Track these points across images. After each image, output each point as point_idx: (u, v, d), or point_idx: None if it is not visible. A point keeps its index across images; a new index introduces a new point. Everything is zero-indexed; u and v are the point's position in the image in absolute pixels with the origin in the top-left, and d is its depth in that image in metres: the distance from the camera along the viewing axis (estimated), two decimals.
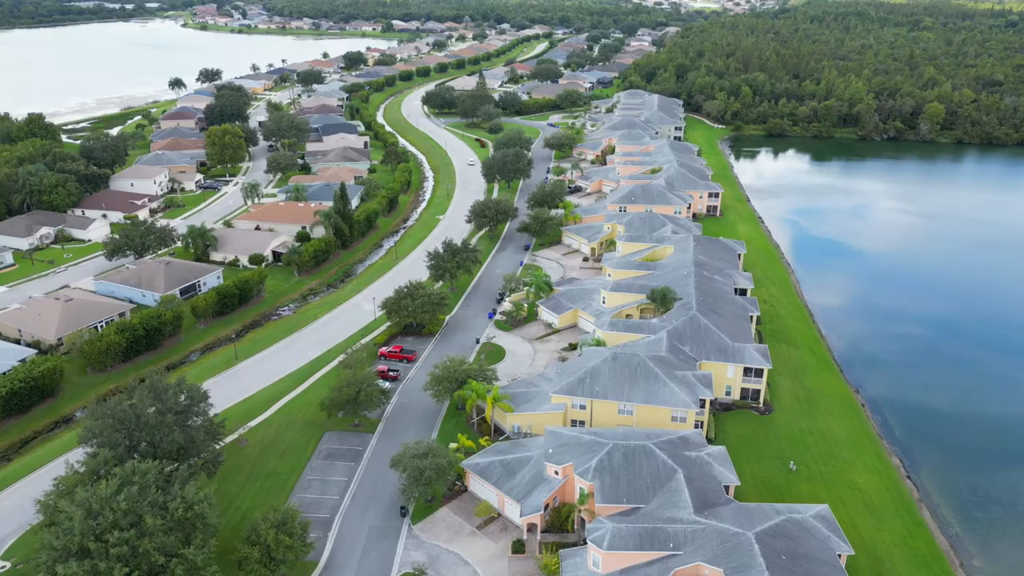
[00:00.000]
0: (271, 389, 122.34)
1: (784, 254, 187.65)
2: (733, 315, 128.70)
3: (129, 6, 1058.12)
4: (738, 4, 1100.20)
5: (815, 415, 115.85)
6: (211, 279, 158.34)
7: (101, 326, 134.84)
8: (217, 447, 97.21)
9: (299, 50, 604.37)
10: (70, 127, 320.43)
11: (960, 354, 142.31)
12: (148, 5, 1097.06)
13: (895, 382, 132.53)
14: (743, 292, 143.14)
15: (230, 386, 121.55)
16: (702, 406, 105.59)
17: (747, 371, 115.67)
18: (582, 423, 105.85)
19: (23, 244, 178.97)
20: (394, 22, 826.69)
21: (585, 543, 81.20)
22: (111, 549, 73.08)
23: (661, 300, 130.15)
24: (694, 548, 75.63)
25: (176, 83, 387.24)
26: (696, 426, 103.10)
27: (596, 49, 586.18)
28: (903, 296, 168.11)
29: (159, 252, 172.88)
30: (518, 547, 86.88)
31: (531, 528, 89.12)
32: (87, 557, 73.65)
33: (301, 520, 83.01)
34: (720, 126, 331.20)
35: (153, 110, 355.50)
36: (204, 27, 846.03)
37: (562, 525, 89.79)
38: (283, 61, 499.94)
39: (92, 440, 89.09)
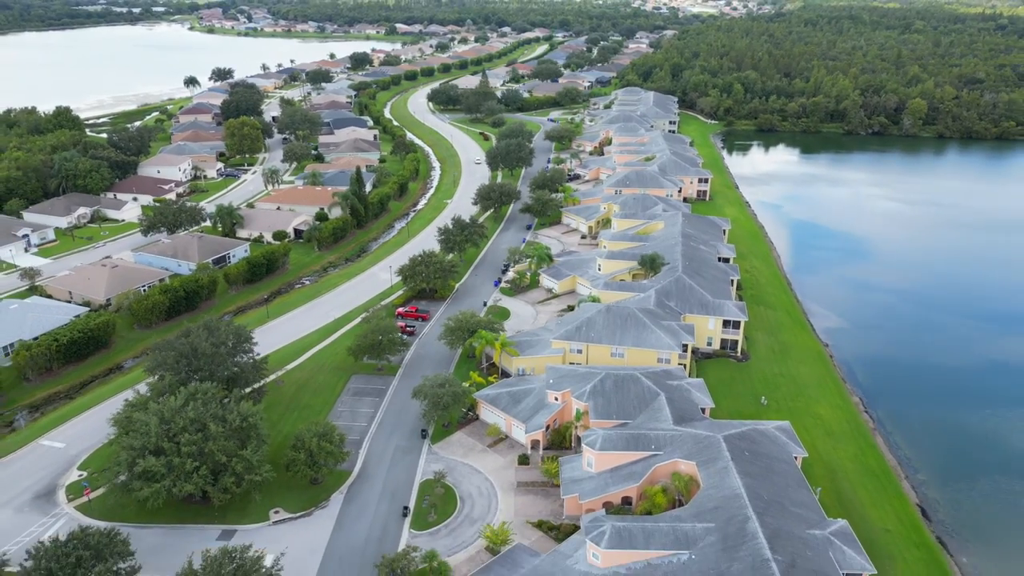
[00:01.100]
0: (301, 342, 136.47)
1: (768, 233, 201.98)
2: (715, 278, 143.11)
3: (136, 10, 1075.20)
4: (735, 9, 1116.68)
5: (787, 363, 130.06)
6: (239, 252, 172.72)
7: (144, 289, 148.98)
8: (261, 383, 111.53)
9: (305, 52, 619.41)
10: (91, 122, 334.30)
11: (924, 318, 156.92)
12: (154, 9, 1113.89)
13: (863, 340, 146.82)
14: (726, 260, 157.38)
15: (264, 339, 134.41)
16: (684, 350, 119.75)
17: (726, 323, 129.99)
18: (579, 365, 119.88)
19: (62, 223, 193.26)
20: (397, 25, 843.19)
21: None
22: (182, 448, 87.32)
23: (650, 265, 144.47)
24: (672, 448, 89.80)
25: (191, 81, 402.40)
26: None
27: (595, 51, 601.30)
28: (877, 269, 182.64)
29: (190, 229, 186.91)
30: (523, 460, 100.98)
31: (534, 445, 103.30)
32: (161, 455, 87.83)
33: (339, 433, 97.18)
34: (713, 122, 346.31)
35: (169, 107, 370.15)
36: (211, 30, 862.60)
37: (561, 443, 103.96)
38: (291, 61, 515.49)
39: (158, 369, 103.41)
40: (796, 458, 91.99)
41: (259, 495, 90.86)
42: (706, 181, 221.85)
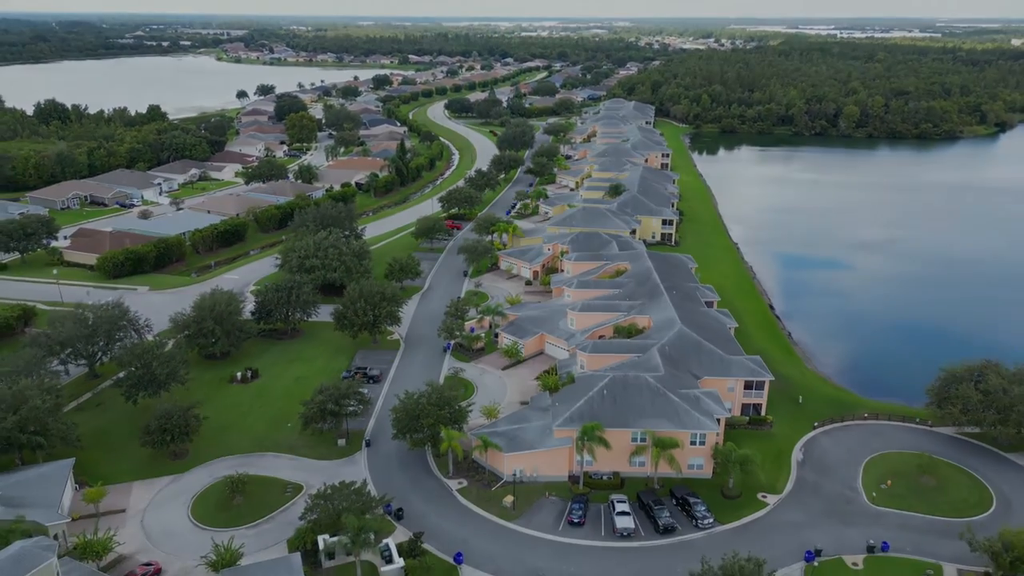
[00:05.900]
0: (375, 238, 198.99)
1: (711, 189, 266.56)
2: (660, 200, 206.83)
3: (164, 43, 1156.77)
4: (722, 45, 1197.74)
5: (705, 249, 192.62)
6: (318, 193, 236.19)
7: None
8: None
9: (329, 76, 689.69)
10: None
11: (806, 222, 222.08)
12: (182, 43, 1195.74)
13: (761, 240, 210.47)
14: (671, 194, 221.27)
15: None
16: (633, 233, 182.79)
17: (664, 222, 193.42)
18: None
19: (181, 179, 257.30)
20: (409, 56, 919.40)
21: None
22: (328, 255, 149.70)
23: (615, 191, 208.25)
24: (616, 259, 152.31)
25: (242, 94, 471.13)
26: None
27: (589, 76, 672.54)
28: (787, 206, 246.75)
29: (278, 182, 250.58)
30: (528, 283, 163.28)
31: (535, 275, 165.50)
32: (315, 258, 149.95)
33: (416, 260, 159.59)
34: (683, 125, 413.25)
35: (226, 114, 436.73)
36: (238, 60, 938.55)
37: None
38: (321, 82, 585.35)
39: (301, 227, 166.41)
40: (691, 268, 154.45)
41: None
42: (667, 156, 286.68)
